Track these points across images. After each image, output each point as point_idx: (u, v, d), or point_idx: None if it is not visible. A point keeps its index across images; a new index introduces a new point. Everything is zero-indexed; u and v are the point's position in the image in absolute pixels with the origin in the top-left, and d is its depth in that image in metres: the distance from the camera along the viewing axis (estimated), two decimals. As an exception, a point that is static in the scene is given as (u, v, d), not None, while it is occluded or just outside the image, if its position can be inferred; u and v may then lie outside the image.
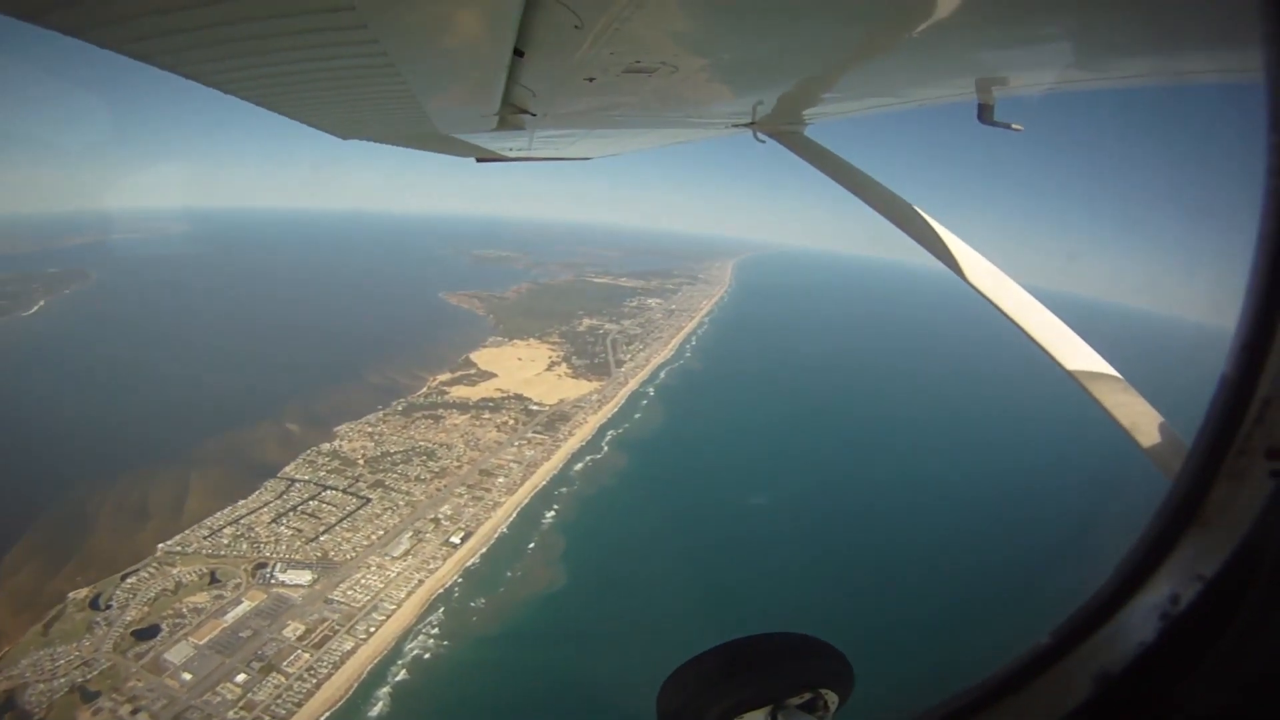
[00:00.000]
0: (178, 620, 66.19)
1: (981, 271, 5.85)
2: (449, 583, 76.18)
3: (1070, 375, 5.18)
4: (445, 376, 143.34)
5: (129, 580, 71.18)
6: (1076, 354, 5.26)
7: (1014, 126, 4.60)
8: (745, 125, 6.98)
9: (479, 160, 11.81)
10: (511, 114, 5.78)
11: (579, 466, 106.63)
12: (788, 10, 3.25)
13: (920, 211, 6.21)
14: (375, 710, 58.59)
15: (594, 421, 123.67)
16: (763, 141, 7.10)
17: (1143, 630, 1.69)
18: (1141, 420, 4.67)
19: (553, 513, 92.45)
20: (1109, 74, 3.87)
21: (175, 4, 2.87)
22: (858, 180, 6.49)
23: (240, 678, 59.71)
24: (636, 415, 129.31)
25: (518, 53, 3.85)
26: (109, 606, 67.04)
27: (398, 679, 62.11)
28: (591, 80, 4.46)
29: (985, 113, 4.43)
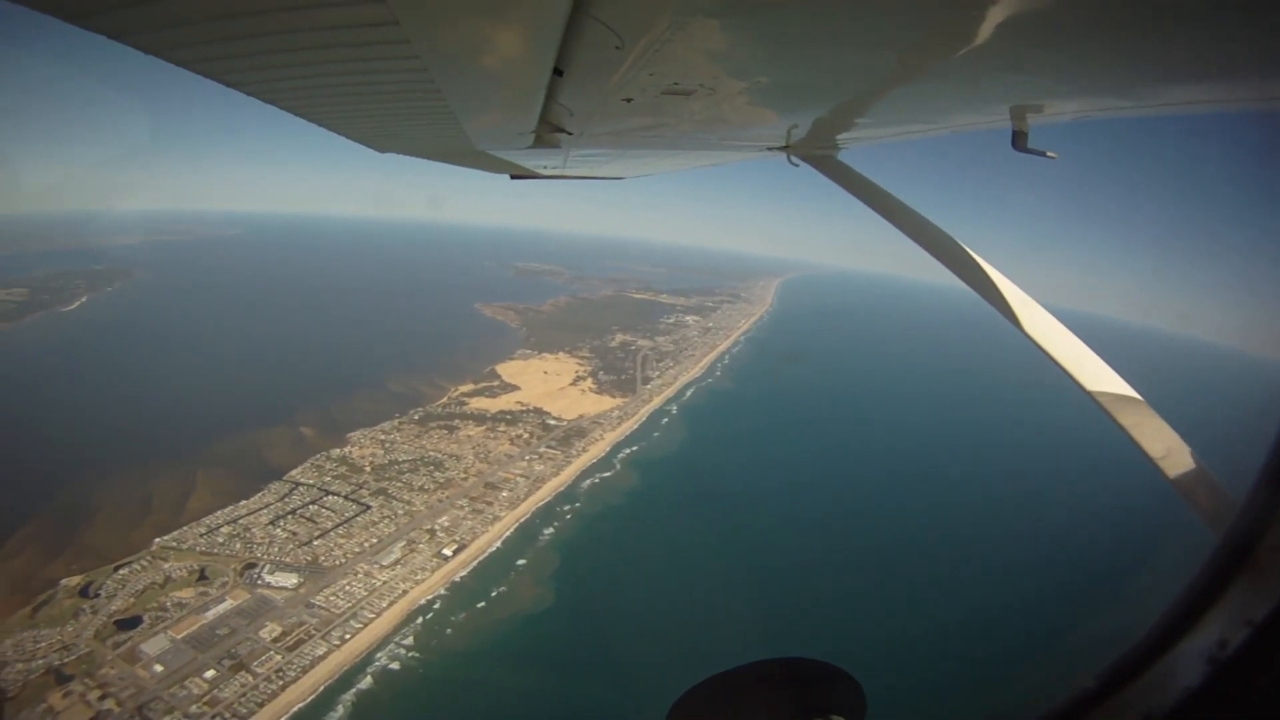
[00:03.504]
0: (160, 613, 71.18)
1: (1009, 297, 6.17)
2: (432, 595, 79.34)
3: (1097, 403, 5.47)
4: (467, 387, 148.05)
5: (121, 571, 76.86)
6: (1101, 379, 5.54)
7: (1049, 154, 4.70)
8: (779, 149, 7.30)
9: (513, 177, 12.59)
10: (548, 132, 6.07)
11: (587, 484, 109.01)
12: (825, 36, 3.47)
13: (952, 237, 6.59)
14: (333, 717, 61.91)
15: (610, 438, 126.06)
16: (796, 165, 7.53)
17: (1189, 675, 1.69)
18: (1165, 446, 4.90)
19: (551, 530, 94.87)
20: (1145, 101, 3.93)
21: (218, 13, 3.13)
22: (890, 205, 6.90)
23: (209, 674, 63.84)
24: (655, 434, 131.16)
25: (557, 71, 4.05)
26: (98, 595, 72.63)
27: (362, 687, 65.40)
28: (629, 101, 4.74)
29: (1019, 140, 4.60)
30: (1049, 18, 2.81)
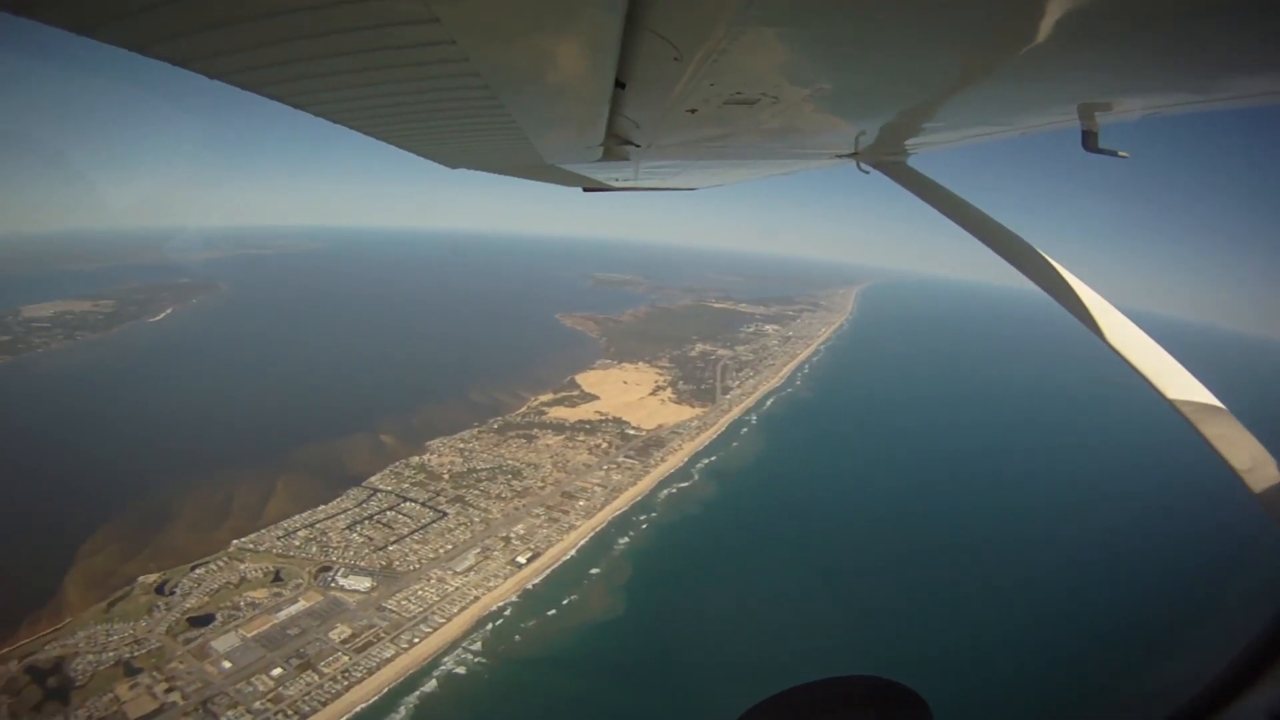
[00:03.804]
0: (233, 612, 72.12)
1: (1086, 301, 6.03)
2: (503, 602, 78.08)
3: (1178, 411, 5.32)
4: (546, 397, 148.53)
5: (197, 571, 78.55)
6: (1181, 386, 5.38)
7: (1120, 153, 4.62)
8: (848, 156, 7.25)
9: (585, 189, 12.66)
10: (616, 145, 6.15)
11: (664, 494, 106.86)
12: (885, 40, 3.37)
13: (1026, 241, 6.42)
14: (395, 718, 60.98)
15: (689, 448, 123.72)
16: (866, 172, 7.37)
17: None
18: (1251, 459, 4.80)
19: (626, 539, 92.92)
20: (1219, 94, 3.87)
21: (282, 39, 3.21)
22: (962, 210, 6.76)
23: (276, 672, 64.05)
24: (734, 444, 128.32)
25: (619, 85, 4.08)
26: (173, 593, 74.29)
27: (426, 690, 64.41)
28: (694, 112, 4.68)
29: (1090, 140, 4.50)
30: (1116, 9, 2.74)
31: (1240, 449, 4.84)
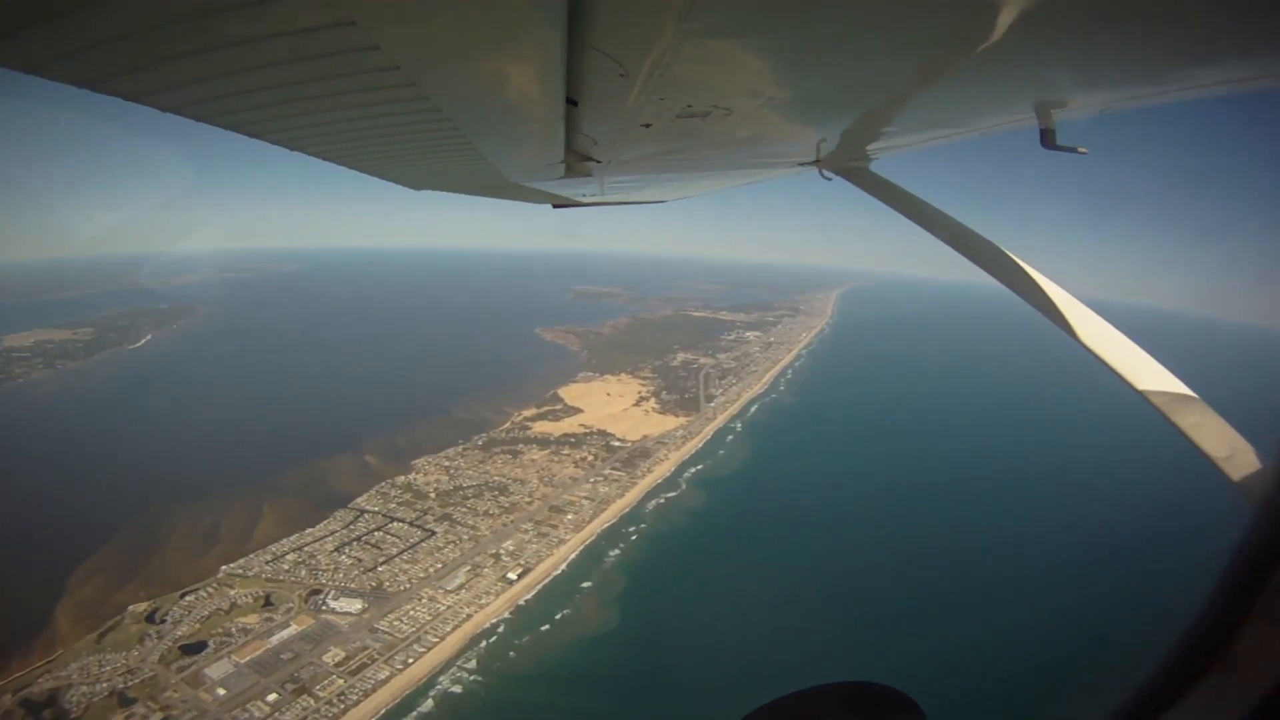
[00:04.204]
0: (225, 638, 71.79)
1: (1052, 296, 6.09)
2: (496, 619, 78.21)
3: (1150, 403, 5.32)
4: (530, 412, 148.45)
5: (188, 598, 78.12)
6: (1151, 377, 5.42)
7: (1079, 150, 4.64)
8: (810, 164, 7.32)
9: (555, 206, 12.91)
10: (577, 161, 6.24)
11: (653, 504, 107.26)
12: (835, 47, 3.42)
13: (990, 240, 6.50)
14: (393, 741, 61.01)
15: (675, 458, 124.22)
16: (829, 179, 7.48)
17: None
18: (1229, 447, 4.77)
19: (617, 551, 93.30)
20: (1171, 87, 3.90)
21: (226, 71, 3.27)
22: (926, 212, 6.82)
23: (271, 697, 63.94)
24: (720, 452, 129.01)
25: (571, 102, 4.15)
26: (164, 621, 73.87)
27: (423, 710, 64.54)
28: (648, 126, 4.74)
29: (1048, 137, 4.56)
30: (1068, 9, 2.79)
31: (1216, 437, 4.82)
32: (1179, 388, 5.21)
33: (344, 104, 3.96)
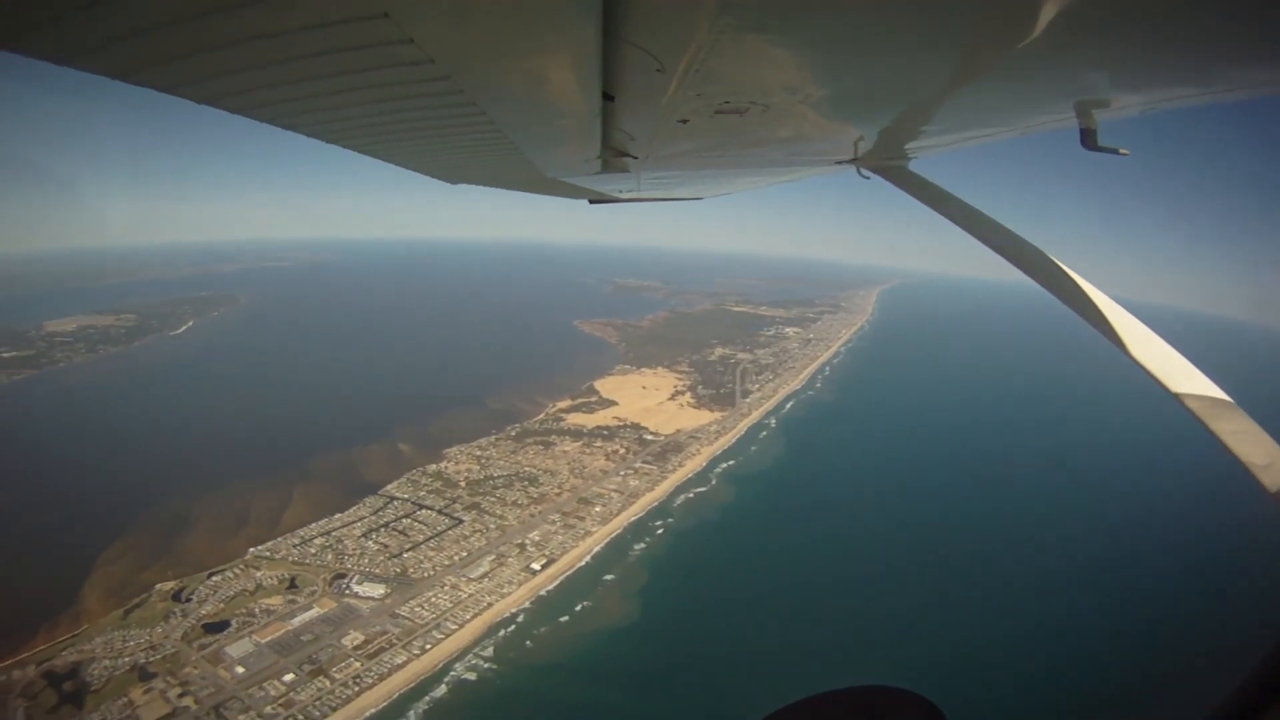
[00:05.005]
0: (248, 619, 73.45)
1: (1091, 297, 6.08)
2: (516, 608, 78.50)
3: (1187, 408, 5.33)
4: (565, 403, 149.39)
5: (214, 579, 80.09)
6: (1188, 381, 5.41)
7: (1120, 151, 4.57)
8: (848, 161, 7.29)
9: (591, 202, 12.90)
10: (613, 157, 6.28)
11: (682, 499, 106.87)
12: (875, 43, 3.38)
13: (1029, 241, 6.46)
14: (404, 725, 61.50)
15: (707, 453, 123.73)
16: (866, 178, 7.44)
17: None
18: (1267, 455, 4.79)
19: (643, 545, 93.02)
20: (1214, 88, 3.83)
21: (263, 62, 3.28)
22: (965, 212, 6.80)
23: (288, 677, 65.08)
24: (753, 448, 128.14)
25: (608, 97, 4.14)
26: (189, 600, 75.86)
27: (436, 695, 65.02)
28: (685, 122, 4.75)
29: (1089, 138, 4.49)
30: (1110, 7, 2.71)
31: (1254, 445, 4.78)
32: (1217, 393, 5.18)
33: (378, 98, 3.95)
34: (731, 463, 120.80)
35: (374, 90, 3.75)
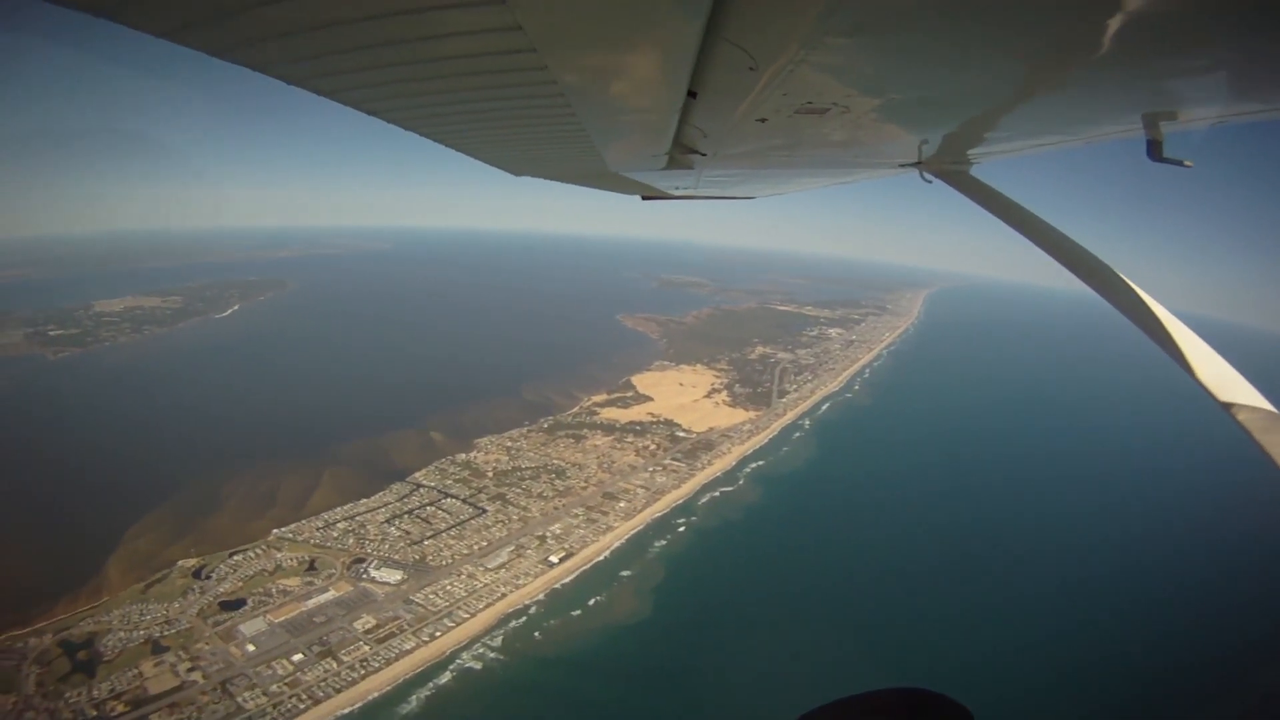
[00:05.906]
0: (264, 598, 75.32)
1: (1149, 307, 6.19)
2: (530, 600, 78.78)
3: (1240, 425, 5.38)
4: (600, 397, 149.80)
5: (235, 557, 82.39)
6: (1236, 392, 5.53)
7: (1185, 163, 4.61)
8: (911, 165, 7.44)
9: (644, 198, 13.08)
10: (681, 154, 6.50)
11: (707, 498, 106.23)
12: (956, 51, 3.50)
13: (1089, 251, 6.59)
14: (405, 710, 62.26)
15: (738, 452, 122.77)
16: (929, 181, 7.63)
17: None
18: None
19: (663, 542, 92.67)
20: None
21: (360, 46, 3.38)
22: (1025, 219, 6.95)
23: (297, 657, 66.54)
24: (784, 449, 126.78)
25: (691, 94, 4.23)
26: (209, 577, 78.16)
27: (440, 683, 65.64)
28: (763, 121, 4.89)
29: (1155, 149, 4.53)
30: (1181, 20, 2.76)
31: None
32: (1268, 407, 5.28)
33: (473, 85, 4.09)
34: (761, 463, 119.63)
35: (469, 78, 3.91)
